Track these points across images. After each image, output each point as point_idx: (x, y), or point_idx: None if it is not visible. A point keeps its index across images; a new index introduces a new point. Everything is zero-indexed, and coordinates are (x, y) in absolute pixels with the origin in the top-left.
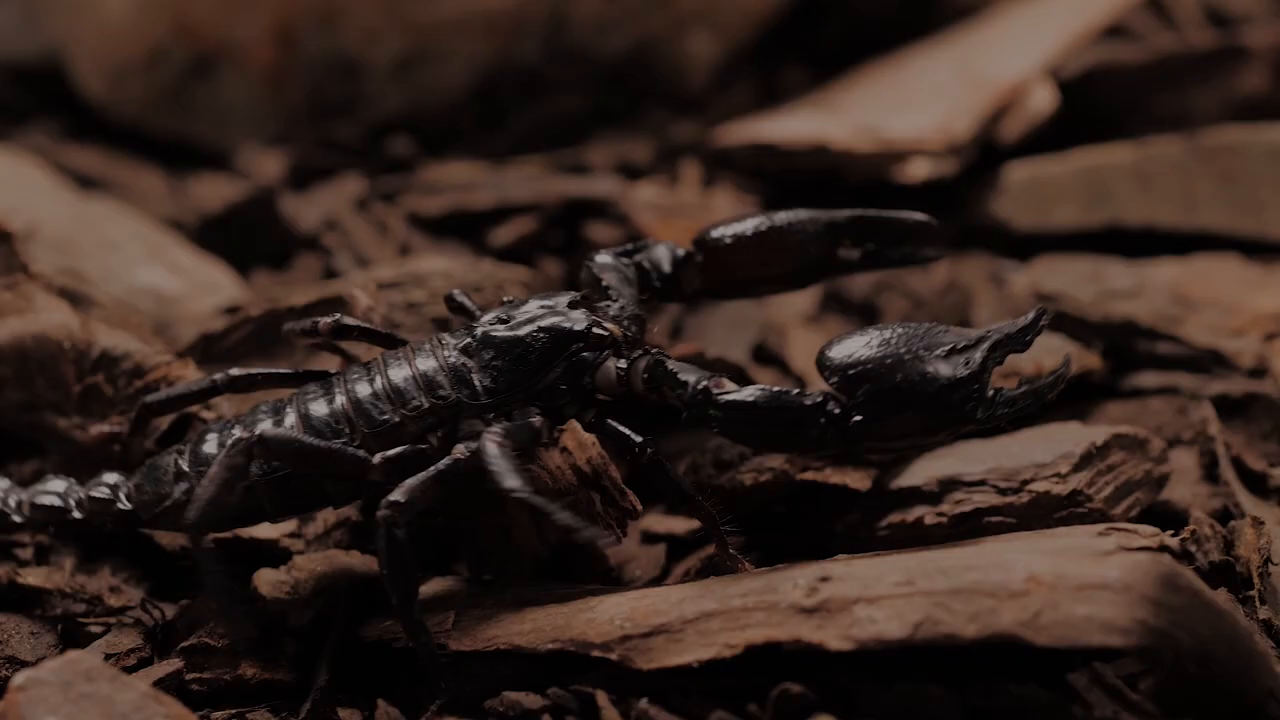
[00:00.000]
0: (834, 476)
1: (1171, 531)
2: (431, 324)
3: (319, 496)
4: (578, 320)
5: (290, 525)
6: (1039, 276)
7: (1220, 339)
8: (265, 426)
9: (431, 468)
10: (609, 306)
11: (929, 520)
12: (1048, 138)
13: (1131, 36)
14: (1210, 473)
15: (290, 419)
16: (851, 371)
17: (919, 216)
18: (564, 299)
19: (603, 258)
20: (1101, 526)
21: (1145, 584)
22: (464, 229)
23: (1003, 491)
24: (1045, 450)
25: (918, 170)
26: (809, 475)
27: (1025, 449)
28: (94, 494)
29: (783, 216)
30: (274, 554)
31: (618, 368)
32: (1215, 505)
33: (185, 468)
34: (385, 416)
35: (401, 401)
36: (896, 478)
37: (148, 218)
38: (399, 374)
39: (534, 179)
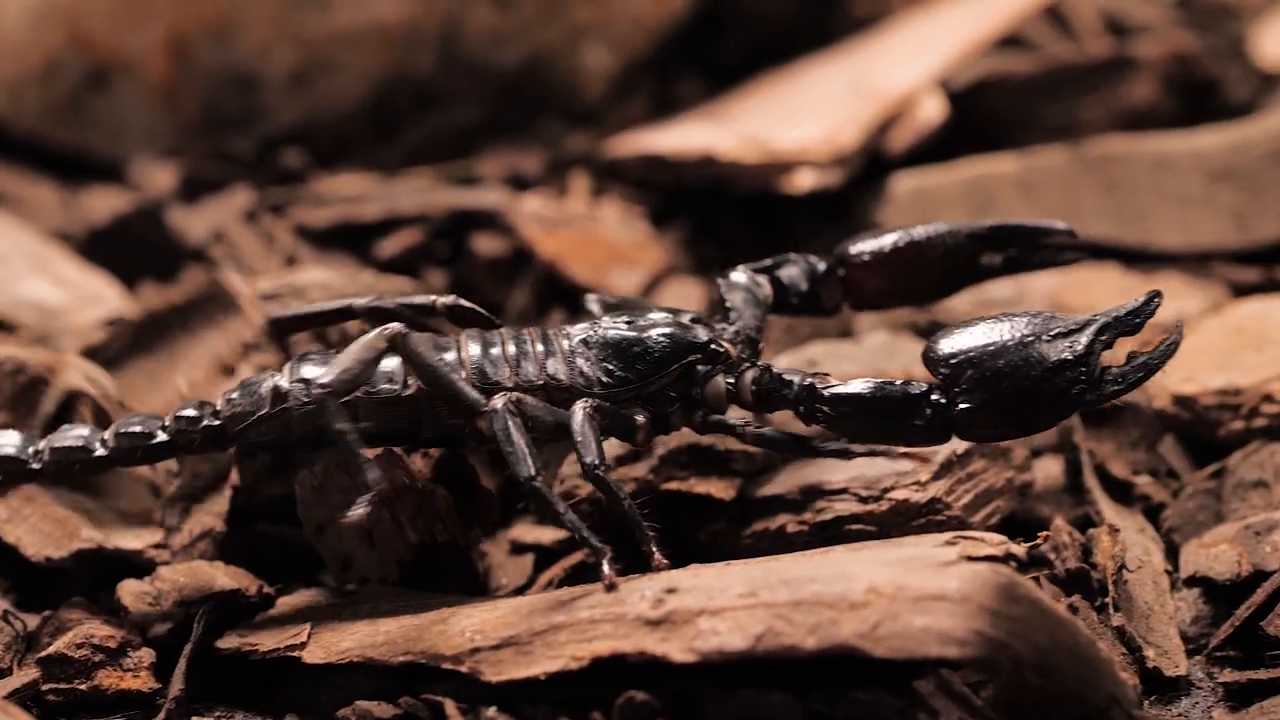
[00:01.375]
0: (698, 486)
1: (1021, 539)
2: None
3: (412, 432)
4: (700, 333)
5: (157, 535)
6: None
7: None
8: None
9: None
10: (725, 328)
11: (791, 528)
12: (938, 148)
13: (1029, 46)
14: (1075, 481)
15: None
16: (955, 359)
17: (1059, 225)
18: (687, 314)
19: (736, 275)
20: (949, 535)
21: (984, 595)
22: (351, 241)
23: (863, 499)
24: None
25: (803, 181)
26: (673, 485)
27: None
28: (182, 413)
29: (921, 231)
30: (139, 565)
31: (727, 383)
32: (1078, 513)
33: (285, 386)
34: (497, 379)
35: (518, 371)
36: (761, 487)
37: (35, 230)
38: (525, 349)
39: (422, 191)
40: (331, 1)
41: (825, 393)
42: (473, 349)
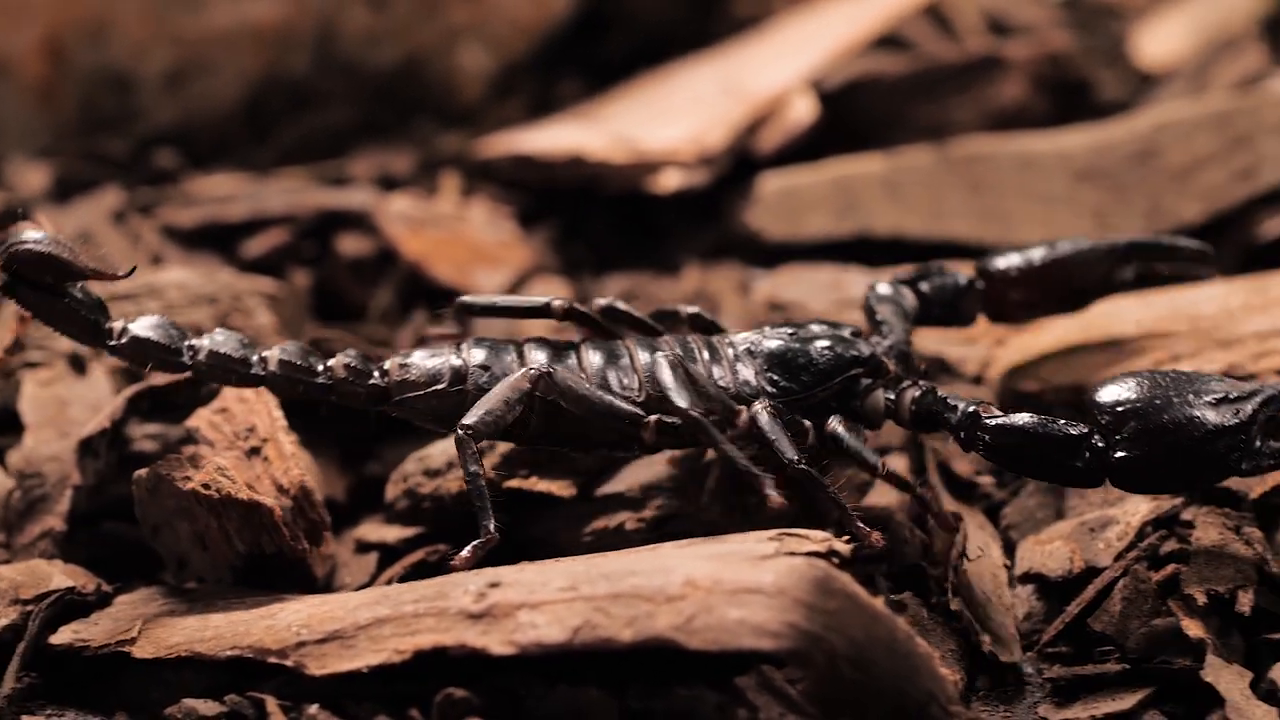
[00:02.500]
0: (539, 484)
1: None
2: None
3: (580, 438)
4: (864, 346)
5: None
6: (781, 285)
7: (950, 346)
8: (553, 364)
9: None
10: (880, 342)
11: (630, 526)
12: (810, 148)
13: (909, 46)
14: (920, 479)
15: (574, 361)
16: (1119, 408)
17: (1194, 244)
18: (847, 328)
19: (882, 288)
20: (775, 531)
21: (798, 588)
22: (218, 241)
23: None
24: None
25: (669, 181)
26: (515, 483)
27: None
28: (348, 362)
29: (1066, 247)
30: None
31: (886, 398)
32: (920, 511)
33: (465, 368)
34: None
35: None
36: (602, 485)
37: None
38: (693, 358)
39: (291, 191)
40: (206, 2)
41: (988, 422)
42: (643, 357)
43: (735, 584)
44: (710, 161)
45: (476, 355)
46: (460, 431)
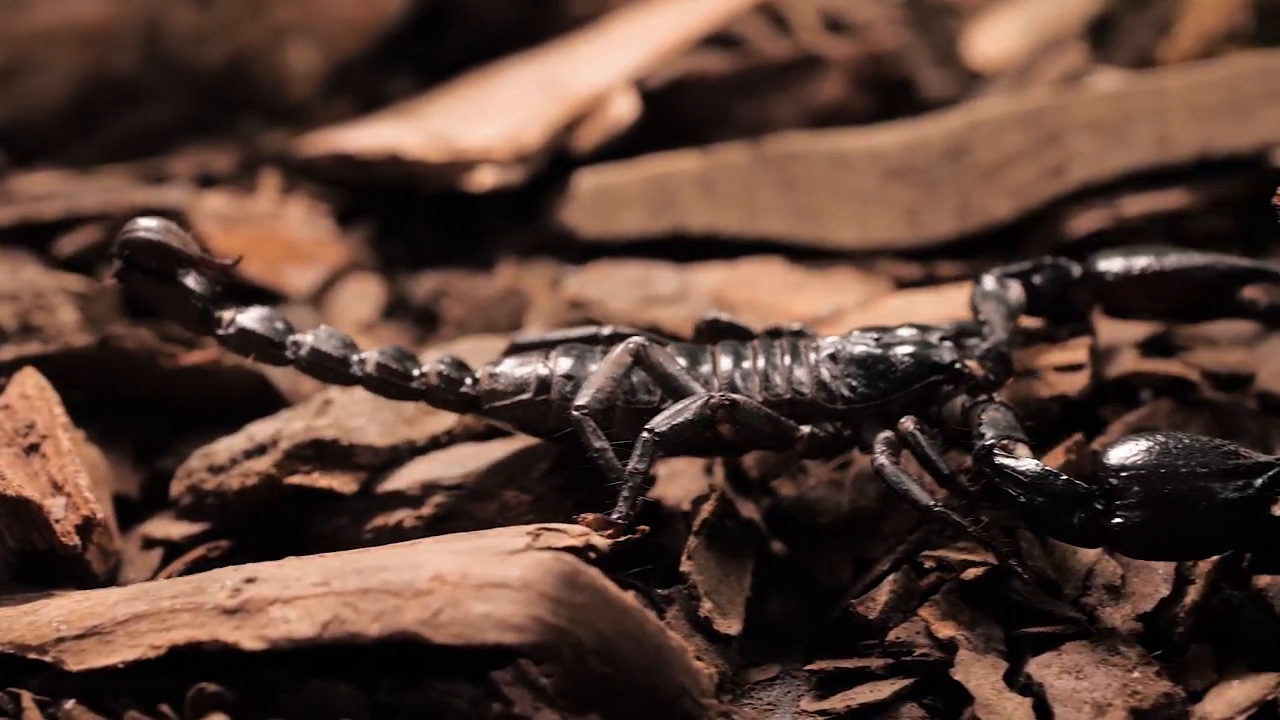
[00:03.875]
0: (321, 480)
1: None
2: None
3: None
4: (945, 353)
5: None
6: (589, 282)
7: None
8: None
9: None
10: (977, 346)
11: (408, 523)
12: (631, 146)
13: (742, 44)
14: (709, 469)
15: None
16: (1125, 473)
17: None
18: (936, 332)
19: (988, 283)
20: (534, 527)
21: (544, 583)
22: (33, 239)
23: (477, 495)
24: (523, 455)
25: (484, 179)
26: (297, 479)
27: (506, 453)
28: (442, 370)
29: (1172, 260)
30: None
31: (964, 405)
32: None
33: (551, 377)
34: (747, 392)
35: (767, 386)
36: (384, 482)
37: None
38: (774, 362)
39: (108, 189)
40: (31, 1)
41: (996, 461)
42: (725, 363)
43: (482, 579)
44: (526, 160)
45: (563, 364)
46: (575, 413)
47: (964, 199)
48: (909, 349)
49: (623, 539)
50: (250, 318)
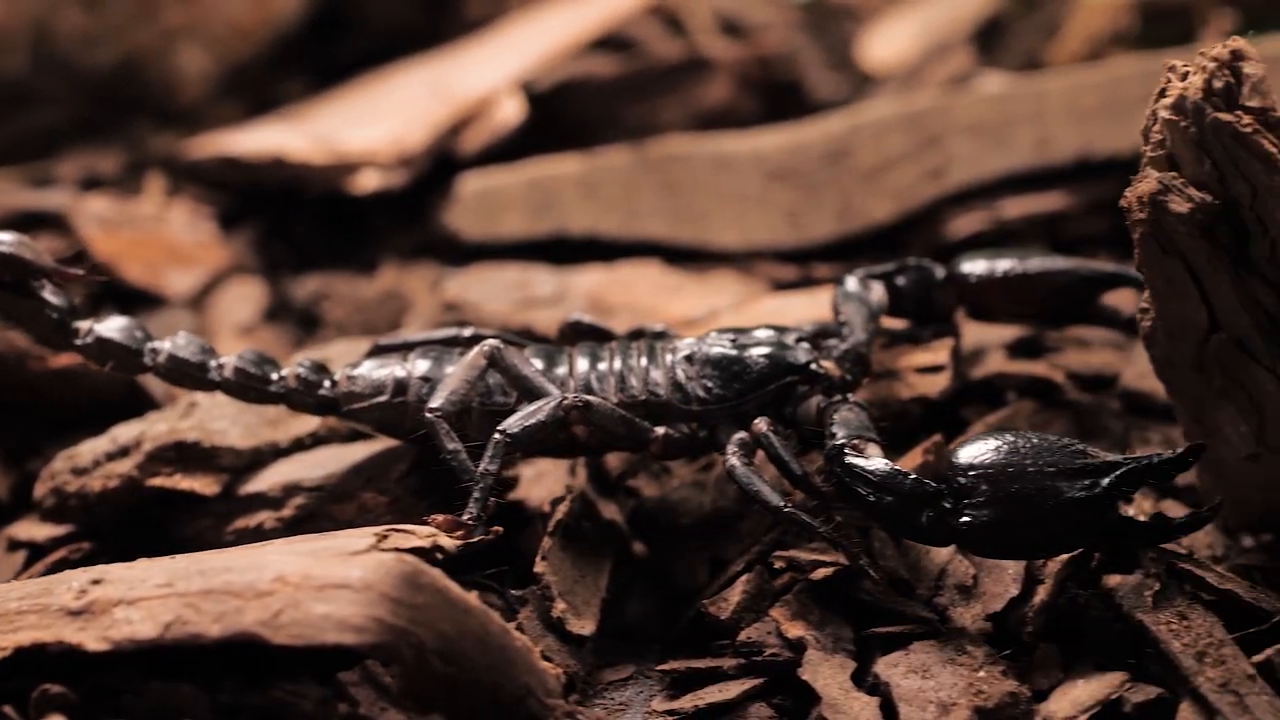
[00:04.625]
0: (183, 482)
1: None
2: None
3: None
4: (800, 354)
5: None
6: (468, 285)
7: None
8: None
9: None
10: (835, 346)
11: (269, 525)
12: (518, 149)
13: (635, 46)
14: (572, 471)
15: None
16: (972, 473)
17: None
18: (793, 333)
19: (850, 284)
20: (383, 527)
21: (385, 583)
22: None
23: (337, 497)
24: (383, 457)
25: (367, 181)
26: (158, 481)
27: (367, 454)
28: (300, 373)
29: (1035, 264)
30: None
31: (819, 405)
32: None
33: (407, 379)
34: (603, 394)
35: (623, 388)
36: (246, 484)
37: None
38: (630, 364)
39: None
40: None
41: (846, 460)
42: (581, 364)
43: (324, 579)
44: (409, 162)
45: (420, 366)
46: (428, 415)
47: (845, 201)
48: (763, 350)
49: (475, 540)
50: (108, 327)
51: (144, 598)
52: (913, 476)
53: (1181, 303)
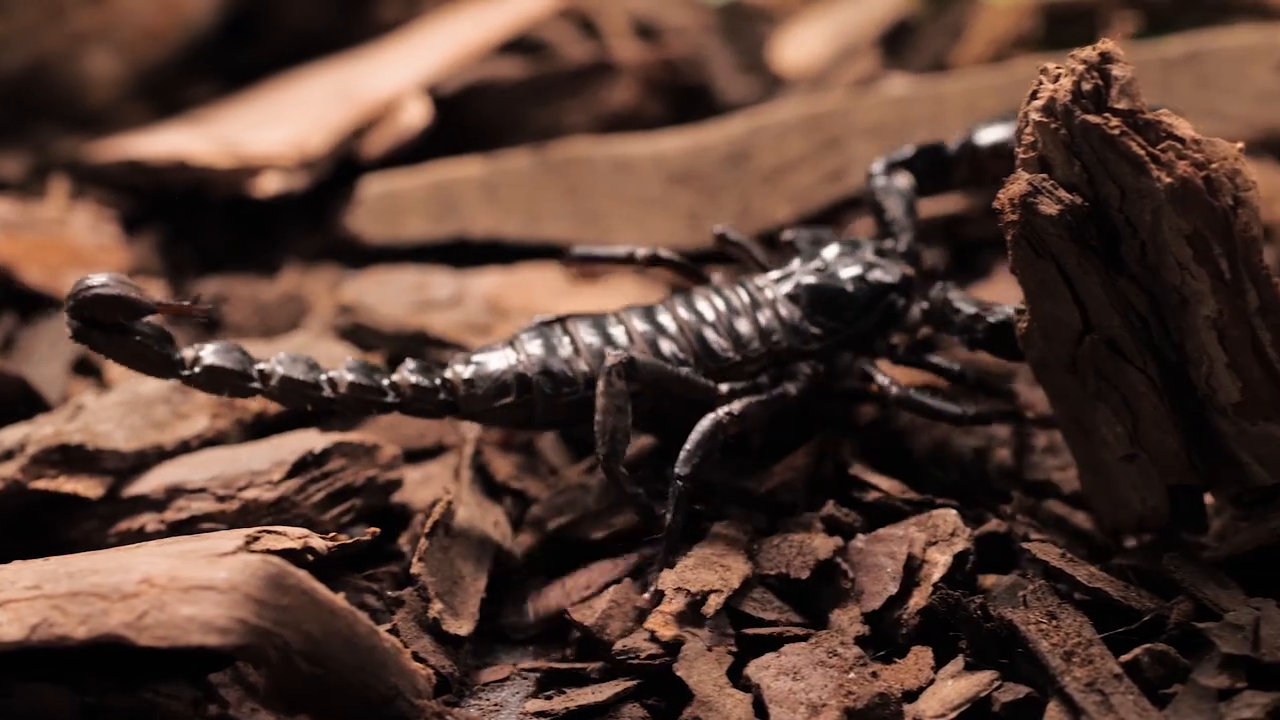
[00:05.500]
0: (67, 485)
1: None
2: None
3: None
4: (892, 272)
5: None
6: (365, 287)
7: None
8: (636, 340)
9: (766, 394)
10: (896, 245)
11: (151, 527)
12: (424, 152)
13: (547, 49)
14: (456, 474)
15: (624, 337)
16: None
17: None
18: (869, 246)
19: (879, 179)
20: (256, 529)
21: (250, 585)
22: None
23: (221, 498)
24: (268, 458)
25: (269, 185)
26: (42, 484)
27: (252, 456)
28: (413, 380)
29: None
30: None
31: (922, 309)
32: None
33: (531, 376)
34: (728, 355)
35: (740, 345)
36: (131, 485)
37: None
38: (737, 319)
39: None
40: None
41: (993, 320)
42: (700, 326)
43: (190, 581)
44: (311, 165)
45: (534, 354)
46: (600, 460)
47: (745, 203)
48: (861, 276)
49: (351, 541)
50: (212, 353)
51: (12, 600)
52: None
53: (1055, 304)
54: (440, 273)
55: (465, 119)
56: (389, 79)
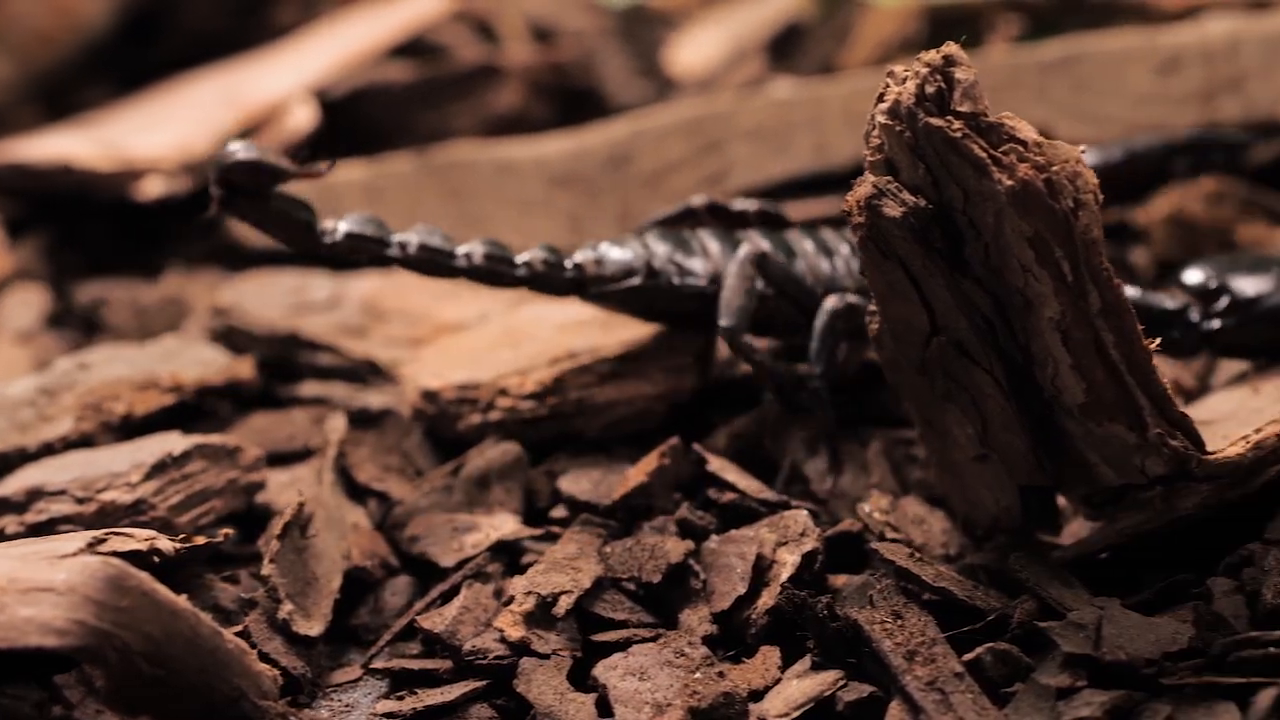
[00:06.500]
0: None
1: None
2: None
3: (777, 323)
4: None
5: None
6: (244, 291)
7: (398, 350)
8: (765, 245)
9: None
10: None
11: (11, 529)
12: (311, 156)
13: (442, 51)
14: (319, 476)
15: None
16: (1211, 286)
17: (1241, 136)
18: None
19: None
20: (103, 530)
21: (89, 586)
22: None
23: (80, 500)
24: (128, 460)
25: (152, 188)
26: None
27: (113, 458)
28: (543, 256)
29: (1137, 141)
30: None
31: None
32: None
33: (658, 264)
34: (843, 282)
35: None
36: None
37: None
38: (830, 255)
39: None
40: None
41: None
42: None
43: (30, 583)
44: (194, 169)
45: (660, 249)
46: (724, 334)
47: (625, 206)
48: None
49: (204, 543)
50: (353, 222)
51: None
52: (1157, 294)
53: (903, 305)
54: (318, 276)
55: (354, 122)
56: (278, 82)
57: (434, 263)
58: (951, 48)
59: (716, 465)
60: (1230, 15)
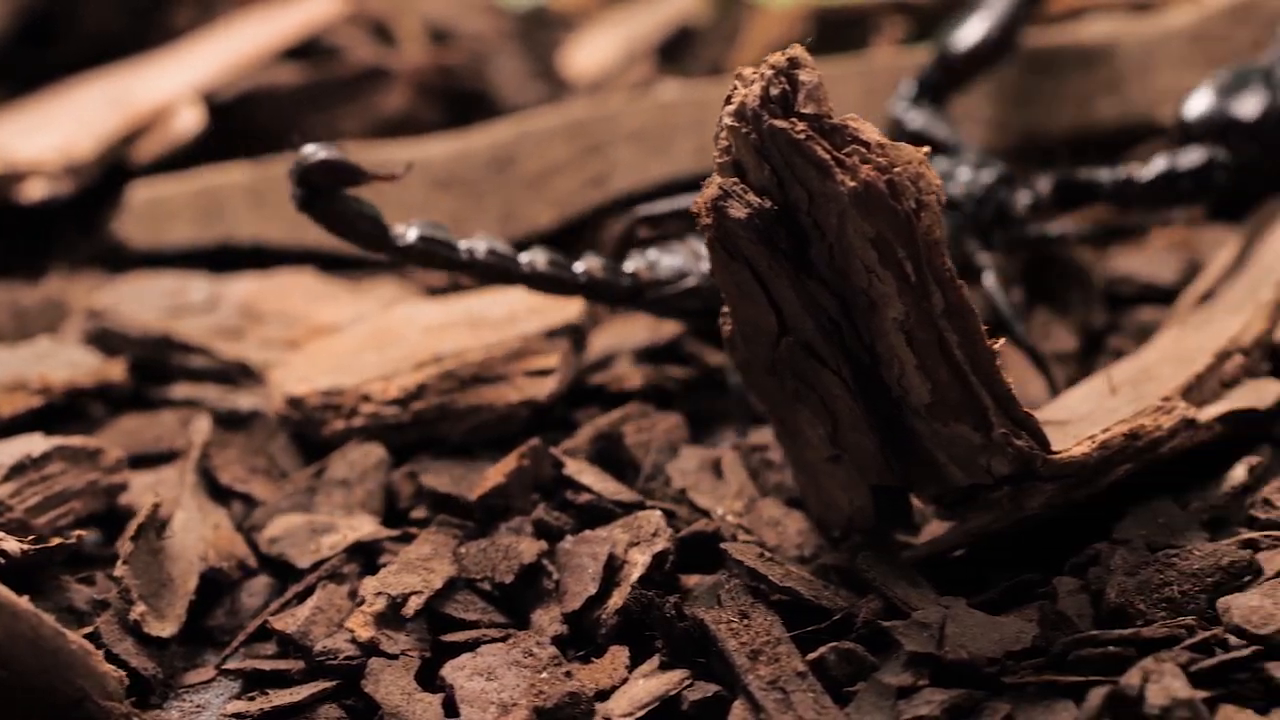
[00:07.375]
0: None
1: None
2: None
3: None
4: (999, 168)
5: None
6: (121, 293)
7: (272, 352)
8: None
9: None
10: (970, 160)
11: None
12: (199, 159)
13: (337, 53)
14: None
15: None
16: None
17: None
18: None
19: (912, 115)
20: None
21: None
22: None
23: None
24: None
25: (34, 191)
26: None
27: None
28: (601, 263)
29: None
30: None
31: (1036, 196)
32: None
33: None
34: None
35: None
36: None
37: None
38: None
39: None
40: None
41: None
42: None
43: None
44: (77, 171)
45: (702, 247)
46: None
47: (508, 209)
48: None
49: (55, 544)
50: (423, 228)
51: None
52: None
53: (752, 307)
54: (197, 278)
55: (242, 125)
56: (166, 85)
57: (500, 268)
58: (797, 50)
59: (574, 468)
60: (1111, 18)
